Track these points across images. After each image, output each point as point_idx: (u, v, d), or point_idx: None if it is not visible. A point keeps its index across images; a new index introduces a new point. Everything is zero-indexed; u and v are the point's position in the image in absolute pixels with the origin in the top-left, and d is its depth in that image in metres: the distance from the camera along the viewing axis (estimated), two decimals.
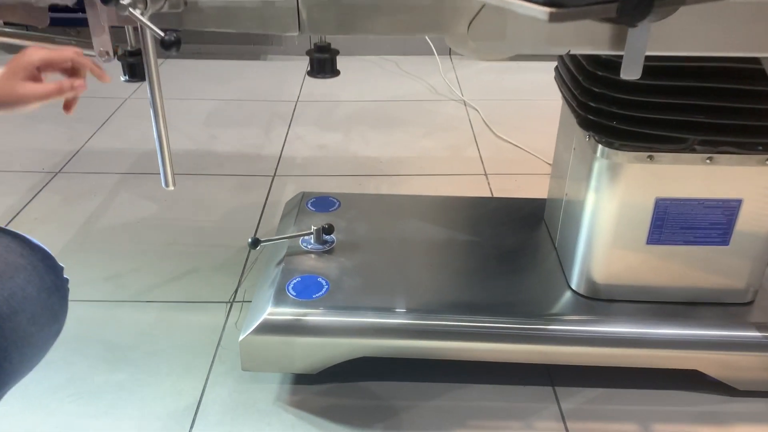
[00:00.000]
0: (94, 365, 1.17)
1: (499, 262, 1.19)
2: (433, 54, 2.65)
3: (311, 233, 1.21)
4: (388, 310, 1.06)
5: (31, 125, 2.12)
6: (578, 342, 1.07)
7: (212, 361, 1.18)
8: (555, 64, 1.15)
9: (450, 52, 2.77)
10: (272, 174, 1.73)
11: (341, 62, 1.01)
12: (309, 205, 1.35)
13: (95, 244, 1.51)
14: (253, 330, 1.06)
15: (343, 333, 1.05)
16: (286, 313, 1.06)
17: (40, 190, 1.70)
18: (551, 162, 1.84)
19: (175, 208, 1.65)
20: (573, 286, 1.14)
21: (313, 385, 1.11)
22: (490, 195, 1.62)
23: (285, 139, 1.95)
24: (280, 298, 1.08)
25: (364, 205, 1.31)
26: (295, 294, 1.09)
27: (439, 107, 2.22)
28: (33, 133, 2.07)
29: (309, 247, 1.21)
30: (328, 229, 1.22)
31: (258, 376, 1.13)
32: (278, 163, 1.79)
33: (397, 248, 1.17)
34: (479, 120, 2.10)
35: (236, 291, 1.31)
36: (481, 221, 1.29)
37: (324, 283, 1.12)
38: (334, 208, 1.33)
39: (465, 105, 2.24)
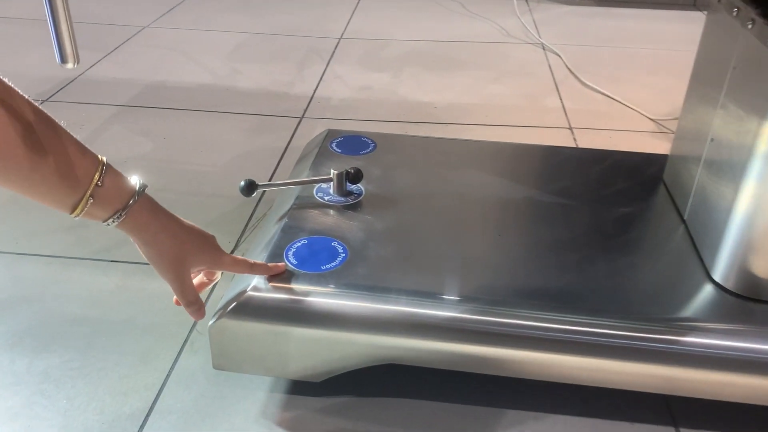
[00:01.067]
0: (16, 343, 0.85)
1: (599, 238, 0.83)
2: None
3: (330, 179, 0.87)
4: (433, 297, 0.73)
5: (25, 48, 1.85)
6: (722, 364, 0.69)
7: (181, 349, 0.84)
8: (651, 11, 0.75)
9: None
10: (300, 116, 1.50)
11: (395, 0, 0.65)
12: (333, 146, 1.04)
13: None
14: (229, 312, 0.73)
15: (364, 326, 0.72)
16: (278, 289, 0.73)
17: None
18: (656, 118, 1.46)
19: (174, 148, 1.35)
20: (717, 278, 0.75)
21: (316, 397, 0.78)
22: None
23: (321, 78, 1.70)
24: None
25: (409, 150, 1.04)
26: (296, 263, 0.77)
27: (511, 50, 1.91)
28: (25, 56, 1.79)
29: (326, 198, 0.89)
30: (354, 176, 0.88)
31: (239, 378, 0.79)
32: (309, 104, 1.56)
33: (452, 209, 0.89)
34: (561, 66, 1.79)
35: (232, 253, 0.95)
36: (570, 179, 0.97)
37: (341, 249, 0.79)
38: (367, 150, 1.03)
39: (543, 49, 1.92)
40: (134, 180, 0.61)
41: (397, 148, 1.03)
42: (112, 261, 1.02)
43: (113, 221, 0.60)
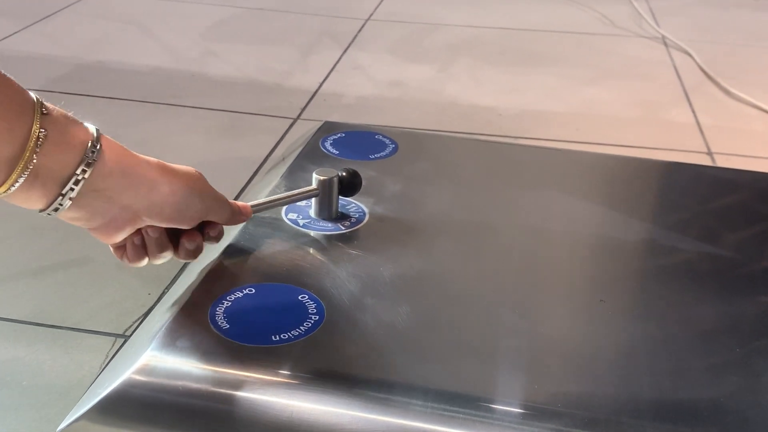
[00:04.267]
0: None
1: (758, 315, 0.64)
2: None
3: (312, 193, 0.72)
4: (477, 408, 0.54)
5: None
6: None
7: None
8: None
9: None
10: (294, 116, 1.41)
11: None
12: (327, 145, 0.91)
13: None
14: (93, 410, 0.54)
15: None
16: (186, 374, 0.55)
17: None
18: None
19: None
20: None
21: None
22: None
23: (333, 68, 1.63)
24: (182, 334, 0.58)
25: (448, 157, 0.93)
26: (228, 327, 0.59)
27: (618, 45, 1.83)
28: None
29: (302, 223, 0.73)
30: (348, 183, 0.73)
31: None
32: (310, 100, 1.49)
33: (515, 253, 0.74)
34: (692, 68, 1.70)
35: (148, 313, 0.86)
36: (724, 217, 0.82)
37: (313, 307, 0.61)
38: (383, 154, 0.89)
39: (665, 44, 1.83)
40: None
41: (431, 154, 0.90)
42: None
43: (83, 170, 0.50)
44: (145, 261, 0.60)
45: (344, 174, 0.71)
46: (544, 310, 0.64)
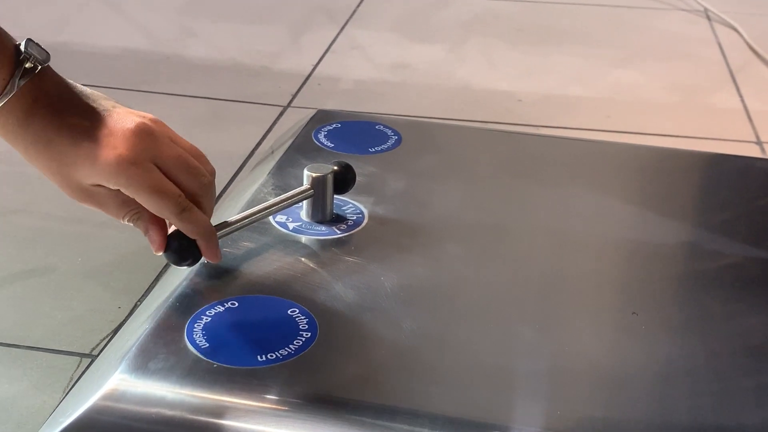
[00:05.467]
0: None
1: None
2: None
3: (305, 194, 0.76)
4: None
5: None
6: None
7: None
8: None
9: None
10: (284, 103, 1.45)
11: None
12: (321, 137, 0.95)
13: None
14: None
15: None
16: (160, 400, 0.58)
17: None
18: None
19: None
20: None
21: None
22: None
23: (328, 48, 1.68)
24: (155, 354, 0.61)
25: (461, 150, 0.98)
26: (206, 345, 0.61)
27: (654, 19, 1.89)
28: None
29: (292, 227, 0.77)
30: (342, 179, 0.77)
31: None
32: (302, 86, 1.52)
33: (536, 260, 0.78)
34: (740, 45, 1.75)
35: (118, 330, 0.88)
36: (758, 211, 0.87)
37: (304, 323, 0.64)
38: (384, 147, 0.94)
39: (708, 19, 1.87)
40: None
41: (439, 146, 0.96)
42: None
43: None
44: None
45: (335, 168, 0.75)
46: (568, 324, 0.67)
